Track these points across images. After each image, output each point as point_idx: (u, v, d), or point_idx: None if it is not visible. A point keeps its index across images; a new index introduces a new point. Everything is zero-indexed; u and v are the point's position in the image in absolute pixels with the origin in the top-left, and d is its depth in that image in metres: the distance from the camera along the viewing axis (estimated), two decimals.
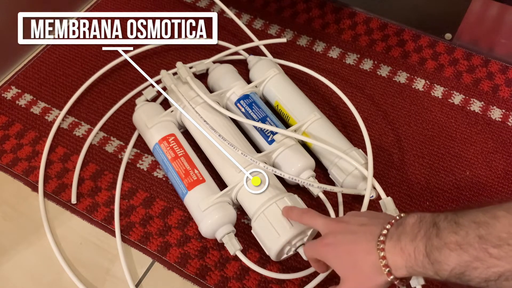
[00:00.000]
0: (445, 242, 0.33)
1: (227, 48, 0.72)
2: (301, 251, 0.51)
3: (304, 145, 0.60)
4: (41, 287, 0.55)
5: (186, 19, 0.73)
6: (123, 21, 0.74)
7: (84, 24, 0.74)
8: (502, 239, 0.31)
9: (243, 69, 0.71)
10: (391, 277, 0.37)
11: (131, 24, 0.73)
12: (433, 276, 0.35)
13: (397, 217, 0.39)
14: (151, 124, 0.60)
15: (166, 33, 0.73)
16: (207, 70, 0.68)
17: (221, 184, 0.57)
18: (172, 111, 0.62)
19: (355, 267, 0.40)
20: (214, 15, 0.73)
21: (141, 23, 0.73)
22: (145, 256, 0.56)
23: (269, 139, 0.58)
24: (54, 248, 0.56)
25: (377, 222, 0.40)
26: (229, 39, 0.75)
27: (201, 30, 0.73)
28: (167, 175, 0.58)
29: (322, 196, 0.55)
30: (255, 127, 0.60)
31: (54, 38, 0.74)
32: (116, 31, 0.74)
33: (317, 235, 0.53)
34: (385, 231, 0.38)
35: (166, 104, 0.66)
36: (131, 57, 0.72)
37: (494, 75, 0.71)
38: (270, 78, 0.64)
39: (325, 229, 0.44)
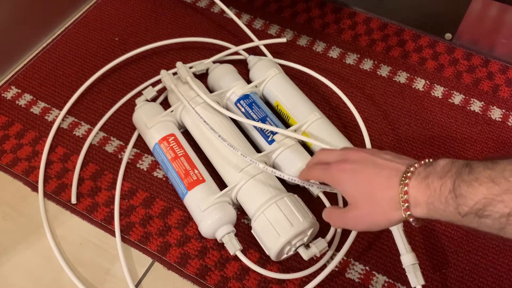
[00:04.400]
0: (477, 177, 0.33)
1: (227, 48, 0.72)
2: (301, 251, 0.51)
3: (304, 145, 0.60)
4: (41, 287, 0.55)
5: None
6: None
7: None
8: None
9: (243, 69, 0.71)
10: (408, 213, 0.37)
11: None
12: (451, 214, 0.34)
13: (426, 160, 0.38)
14: (151, 124, 0.60)
15: None
16: (207, 70, 0.68)
17: (221, 184, 0.57)
18: (172, 111, 0.62)
19: (371, 198, 0.39)
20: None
21: None
22: (145, 256, 0.56)
23: (269, 139, 0.58)
24: (54, 248, 0.56)
25: (403, 161, 0.39)
26: (229, 39, 0.75)
27: None
28: (167, 175, 0.58)
29: (322, 196, 0.55)
30: (255, 127, 0.60)
31: None
32: None
33: (317, 235, 0.53)
34: (412, 168, 0.37)
35: (166, 104, 0.66)
36: (131, 57, 0.72)
37: (494, 75, 0.71)
38: (270, 78, 0.64)
39: (343, 156, 0.42)
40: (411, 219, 0.37)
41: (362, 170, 0.40)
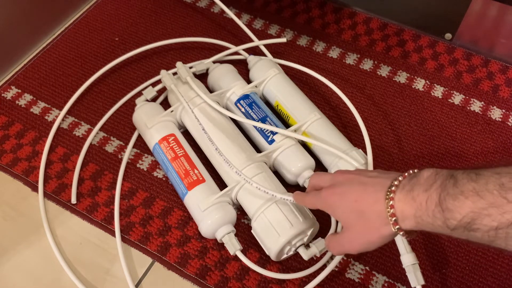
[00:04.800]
0: (462, 190, 0.33)
1: (227, 48, 0.72)
2: (301, 251, 0.51)
3: (304, 145, 0.60)
4: (41, 287, 0.55)
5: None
6: None
7: None
8: None
9: (243, 69, 0.71)
10: (397, 227, 0.37)
11: None
12: (440, 227, 0.34)
13: (411, 172, 0.38)
14: (151, 124, 0.60)
15: None
16: (207, 70, 0.68)
17: (221, 184, 0.57)
18: (172, 111, 0.62)
19: (360, 216, 0.39)
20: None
21: None
22: (145, 256, 0.56)
23: (269, 139, 0.58)
24: (54, 248, 0.56)
25: (388, 176, 0.40)
26: (229, 39, 0.75)
27: None
28: (167, 175, 0.58)
29: None
30: (255, 127, 0.60)
31: None
32: None
33: (317, 235, 0.53)
34: (396, 182, 0.38)
35: (166, 104, 0.66)
36: (131, 57, 0.72)
37: (494, 75, 0.71)
38: (270, 78, 0.64)
39: (332, 180, 0.43)
40: (400, 233, 0.38)
41: (349, 191, 0.41)
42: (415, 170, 0.38)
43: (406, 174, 0.38)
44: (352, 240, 0.41)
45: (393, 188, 0.37)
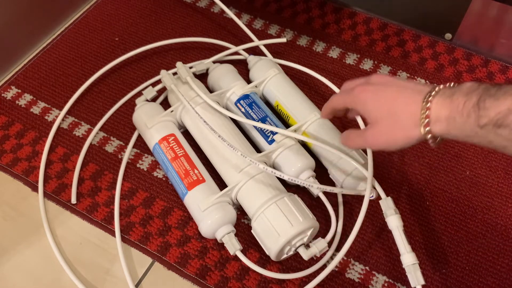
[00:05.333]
0: (505, 91, 0.34)
1: (227, 48, 0.72)
2: (301, 251, 0.51)
3: (304, 145, 0.60)
4: (41, 287, 0.55)
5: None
6: None
7: None
8: None
9: (243, 69, 0.71)
10: (427, 128, 0.37)
11: None
12: (469, 126, 0.35)
13: (450, 84, 0.39)
14: (151, 124, 0.60)
15: None
16: (207, 70, 0.68)
17: (221, 184, 0.57)
18: (172, 111, 0.62)
19: (392, 114, 0.40)
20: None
21: None
22: (145, 256, 0.56)
23: (269, 139, 0.58)
24: (54, 248, 0.56)
25: (426, 84, 0.40)
26: (229, 39, 0.75)
27: None
28: (167, 175, 0.58)
29: (322, 196, 0.55)
30: (255, 127, 0.60)
31: None
32: None
33: (317, 235, 0.53)
34: (437, 89, 0.38)
35: (166, 104, 0.66)
36: (131, 57, 0.72)
37: (494, 75, 0.71)
38: (270, 78, 0.64)
39: (367, 79, 0.43)
40: (429, 136, 0.38)
41: (384, 90, 0.41)
42: (456, 84, 0.38)
43: (447, 85, 0.39)
44: (377, 135, 0.41)
45: (433, 93, 0.38)
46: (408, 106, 0.39)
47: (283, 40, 0.71)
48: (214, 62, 0.69)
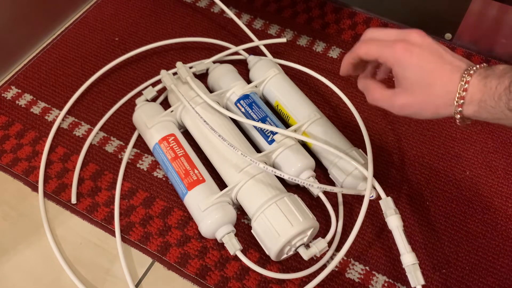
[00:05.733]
0: None
1: (227, 48, 0.72)
2: (301, 251, 0.51)
3: (304, 145, 0.60)
4: (41, 287, 0.55)
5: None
6: None
7: None
8: None
9: (243, 69, 0.71)
10: (460, 109, 0.38)
11: None
12: (499, 109, 0.36)
13: (484, 64, 0.39)
14: (151, 124, 0.60)
15: None
16: (207, 70, 0.68)
17: (221, 184, 0.57)
18: (172, 111, 0.62)
19: (429, 87, 0.39)
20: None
21: None
22: (145, 256, 0.56)
23: (269, 139, 0.58)
24: (54, 248, 0.56)
25: (462, 59, 0.40)
26: (229, 39, 0.75)
27: None
28: (167, 175, 0.58)
29: (322, 196, 0.55)
30: (255, 127, 0.60)
31: None
32: None
33: (317, 235, 0.53)
34: (474, 68, 0.38)
35: (166, 104, 0.66)
36: (131, 57, 0.72)
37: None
38: (270, 78, 0.64)
39: (405, 35, 0.41)
40: (458, 116, 0.38)
41: (427, 57, 0.40)
42: (487, 65, 0.39)
43: (481, 65, 0.39)
44: (407, 105, 0.41)
45: (471, 72, 0.38)
46: (446, 84, 0.38)
47: (283, 40, 0.71)
48: (214, 62, 0.69)
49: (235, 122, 0.62)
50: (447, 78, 0.39)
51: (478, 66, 0.39)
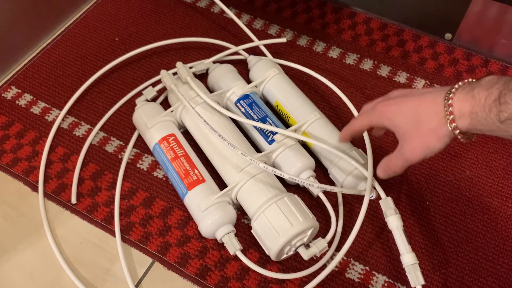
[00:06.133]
0: None
1: (227, 48, 0.72)
2: (301, 251, 0.51)
3: (304, 145, 0.60)
4: (41, 287, 0.55)
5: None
6: None
7: None
8: None
9: (243, 69, 0.71)
10: (453, 124, 0.38)
11: None
12: (491, 120, 0.36)
13: (469, 79, 0.39)
14: (151, 124, 0.60)
15: None
16: (207, 70, 0.68)
17: (221, 184, 0.57)
18: (172, 111, 0.62)
19: (419, 122, 0.40)
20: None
21: None
22: (145, 256, 0.56)
23: (269, 139, 0.58)
24: (54, 248, 0.56)
25: (446, 86, 0.41)
26: (229, 39, 0.75)
27: None
28: (167, 175, 0.58)
29: (322, 196, 0.55)
30: (255, 127, 0.60)
31: None
32: None
33: (317, 235, 0.53)
34: (457, 86, 0.39)
35: (166, 104, 0.66)
36: (131, 57, 0.72)
37: (494, 75, 0.70)
38: (270, 78, 0.64)
39: (386, 96, 0.44)
40: (457, 131, 0.38)
41: (406, 100, 0.42)
42: (474, 80, 0.39)
43: (466, 81, 0.39)
44: (412, 148, 0.41)
45: (453, 90, 0.39)
46: (431, 108, 0.39)
47: (283, 40, 0.71)
48: (214, 62, 0.69)
49: (235, 122, 0.62)
50: (431, 103, 0.40)
51: (461, 83, 0.39)
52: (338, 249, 0.55)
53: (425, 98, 0.41)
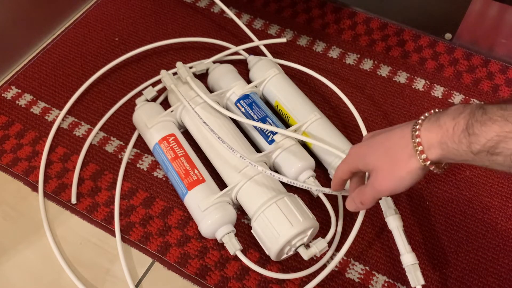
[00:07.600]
0: (490, 117, 0.34)
1: (227, 48, 0.72)
2: (301, 251, 0.51)
3: (304, 145, 0.60)
4: (41, 287, 0.55)
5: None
6: None
7: None
8: None
9: (243, 69, 0.71)
10: (423, 155, 0.37)
11: None
12: (464, 152, 0.35)
13: (436, 110, 0.39)
14: (151, 124, 0.60)
15: None
16: (207, 70, 0.68)
17: (221, 184, 0.57)
18: (172, 111, 0.62)
19: (388, 155, 0.40)
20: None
21: None
22: (145, 256, 0.56)
23: (269, 139, 0.58)
24: (54, 248, 0.56)
25: (413, 120, 0.41)
26: (229, 39, 0.75)
27: None
28: (167, 175, 0.58)
29: (322, 196, 0.55)
30: (255, 127, 0.60)
31: None
32: None
33: (317, 235, 0.53)
34: (423, 117, 0.39)
35: (166, 104, 0.66)
36: (131, 57, 0.72)
37: (494, 75, 0.71)
38: (270, 78, 0.64)
39: (359, 143, 0.45)
40: (428, 163, 0.38)
41: (376, 138, 0.42)
42: (440, 110, 0.39)
43: (432, 111, 0.39)
44: (382, 180, 0.41)
45: (419, 121, 0.38)
46: (399, 141, 0.39)
47: (283, 40, 0.71)
48: (214, 62, 0.69)
49: (235, 122, 0.62)
50: (399, 137, 0.39)
51: (427, 113, 0.39)
52: (338, 249, 0.55)
53: (393, 133, 0.41)
